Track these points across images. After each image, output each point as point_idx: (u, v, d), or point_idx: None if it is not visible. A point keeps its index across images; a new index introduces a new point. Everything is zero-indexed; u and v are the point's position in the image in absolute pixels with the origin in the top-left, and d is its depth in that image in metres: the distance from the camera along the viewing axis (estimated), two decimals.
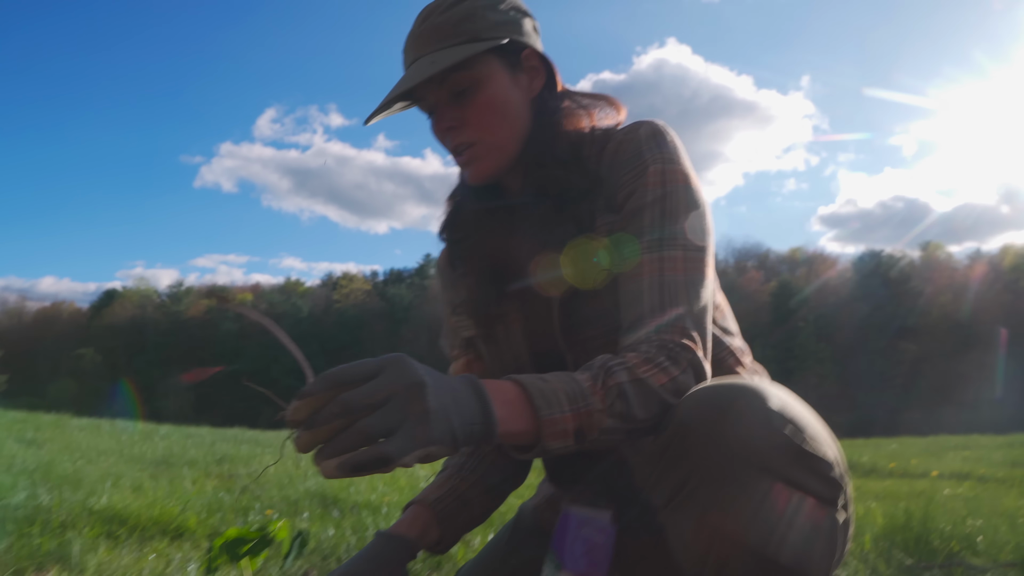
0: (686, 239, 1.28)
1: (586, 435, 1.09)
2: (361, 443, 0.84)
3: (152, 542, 3.15)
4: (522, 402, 1.04)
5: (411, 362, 0.92)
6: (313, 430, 0.85)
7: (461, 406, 0.94)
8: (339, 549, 2.92)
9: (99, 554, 2.73)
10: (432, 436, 0.89)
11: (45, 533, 3.10)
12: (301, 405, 0.86)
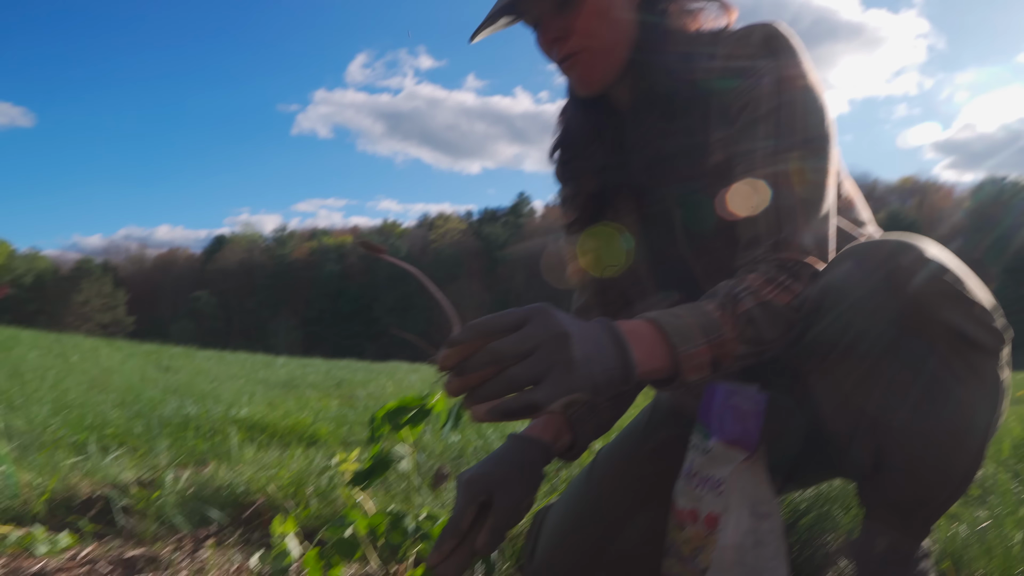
0: (804, 150, 1.24)
1: (721, 364, 1.13)
2: (509, 390, 0.89)
3: (290, 448, 3.34)
4: (658, 341, 1.06)
5: (555, 312, 0.96)
6: (463, 377, 0.91)
7: (602, 353, 0.98)
8: (467, 451, 3.04)
9: (247, 452, 2.94)
10: (575, 384, 0.92)
11: (197, 437, 3.36)
12: (451, 352, 0.91)
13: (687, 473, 1.48)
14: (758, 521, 1.40)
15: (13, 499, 2.16)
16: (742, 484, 1.41)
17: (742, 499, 1.40)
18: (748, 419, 1.40)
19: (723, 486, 1.41)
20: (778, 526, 1.41)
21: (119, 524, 2.07)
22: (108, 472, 2.49)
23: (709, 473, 1.44)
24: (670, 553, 1.50)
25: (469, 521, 1.18)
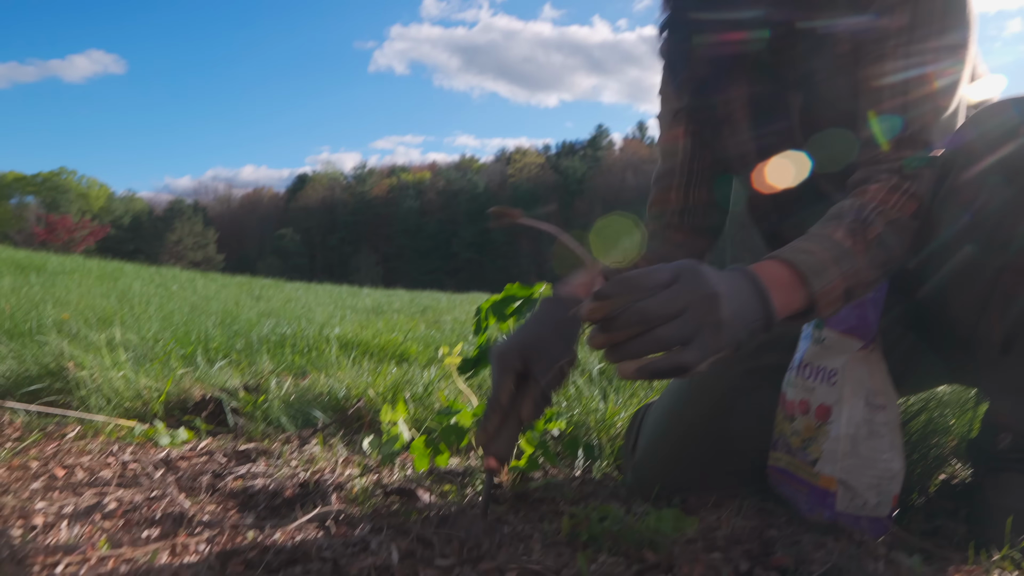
0: (938, 43, 1.16)
1: (854, 293, 1.09)
2: (656, 350, 0.88)
3: (383, 364, 3.42)
4: (795, 282, 1.04)
5: (704, 271, 0.93)
6: (609, 333, 0.89)
7: (746, 308, 0.96)
8: None
9: (343, 365, 3.04)
10: (723, 344, 0.91)
11: (294, 352, 3.48)
12: (597, 307, 0.89)
13: (798, 364, 1.44)
14: (873, 412, 1.36)
15: (135, 400, 2.29)
16: (857, 374, 1.36)
17: (857, 389, 1.36)
18: (866, 307, 1.34)
19: (837, 376, 1.37)
20: (894, 418, 1.37)
21: (230, 424, 2.17)
22: (216, 379, 2.62)
23: (822, 363, 1.40)
24: (777, 446, 1.48)
25: (509, 393, 1.14)
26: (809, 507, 1.37)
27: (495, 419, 1.15)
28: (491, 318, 1.41)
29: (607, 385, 2.43)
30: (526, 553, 1.13)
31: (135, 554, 1.03)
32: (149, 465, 1.63)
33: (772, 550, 1.18)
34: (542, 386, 1.14)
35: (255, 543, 1.08)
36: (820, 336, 1.39)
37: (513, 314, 1.39)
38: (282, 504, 1.41)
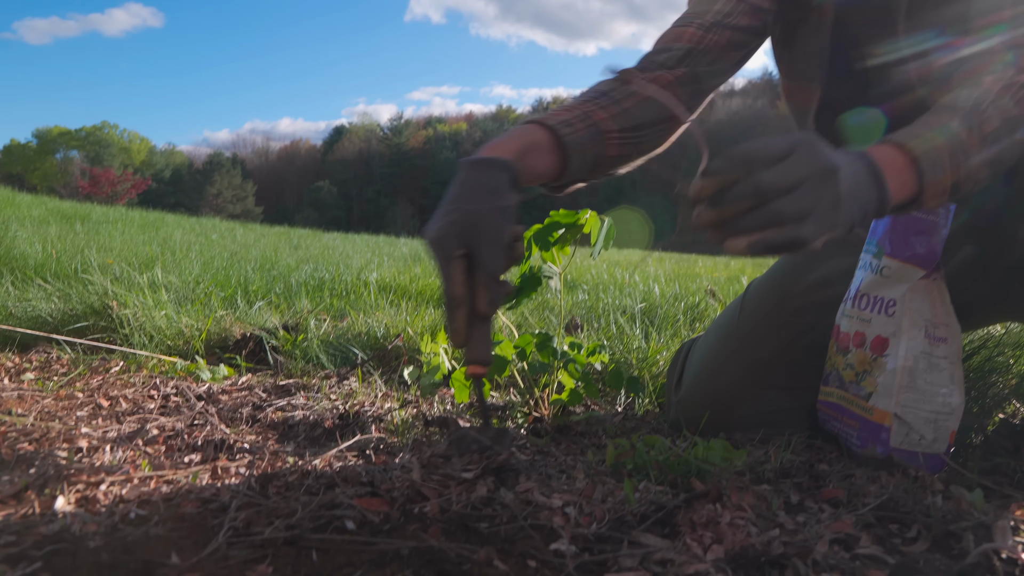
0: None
1: (960, 189, 1.02)
2: (771, 225, 0.83)
3: (420, 308, 3.41)
4: (909, 168, 0.98)
5: (822, 144, 0.87)
6: (719, 209, 0.84)
7: (861, 188, 0.91)
8: (596, 308, 3.03)
9: (381, 310, 3.03)
10: (839, 221, 0.86)
11: (333, 295, 3.49)
12: (708, 182, 0.85)
13: (854, 294, 1.38)
14: (933, 344, 1.29)
15: (176, 338, 2.31)
16: (917, 305, 1.30)
17: (917, 320, 1.29)
18: (930, 233, 1.27)
19: (896, 307, 1.31)
20: (955, 351, 1.30)
21: (270, 361, 2.17)
22: (256, 319, 2.62)
23: (881, 293, 1.33)
24: (829, 380, 1.43)
25: (462, 284, 1.00)
26: (861, 443, 1.32)
27: (460, 317, 1.02)
28: (534, 247, 1.36)
29: (648, 324, 2.38)
30: (568, 482, 1.10)
31: (177, 475, 1.02)
32: (191, 397, 1.63)
33: (823, 483, 1.14)
34: (489, 270, 1.01)
35: (295, 468, 1.07)
36: (879, 265, 1.32)
37: (557, 242, 1.34)
38: (321, 435, 1.41)
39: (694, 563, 0.78)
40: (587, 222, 1.34)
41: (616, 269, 5.44)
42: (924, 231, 1.26)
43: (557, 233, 1.34)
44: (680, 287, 3.67)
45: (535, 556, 0.77)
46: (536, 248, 1.37)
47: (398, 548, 0.74)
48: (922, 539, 0.91)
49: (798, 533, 0.92)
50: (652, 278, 4.60)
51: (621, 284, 4.09)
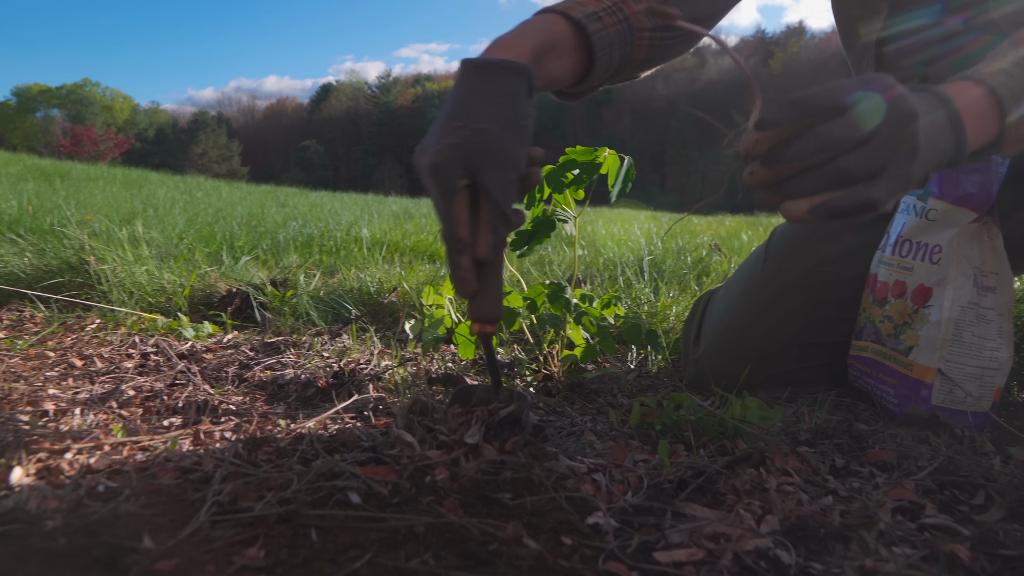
0: None
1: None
2: (838, 184, 0.70)
3: (414, 264, 3.29)
4: (990, 110, 0.85)
5: (898, 86, 0.73)
6: (777, 166, 0.71)
7: (938, 137, 0.78)
8: (596, 264, 2.91)
9: (373, 263, 2.91)
10: (914, 177, 0.74)
11: (322, 252, 3.36)
12: (762, 136, 0.71)
13: (894, 240, 1.26)
14: (982, 294, 1.19)
15: (158, 295, 2.18)
16: (966, 251, 1.19)
17: (964, 268, 1.18)
18: (984, 172, 1.16)
19: (942, 253, 1.20)
20: (1005, 302, 1.20)
21: (257, 318, 2.05)
22: (242, 275, 2.50)
23: (925, 239, 1.22)
24: (863, 334, 1.32)
25: (466, 221, 0.83)
26: (899, 401, 1.22)
27: (466, 263, 0.86)
28: (546, 188, 1.24)
29: (657, 278, 2.27)
30: (590, 445, 1.00)
31: (154, 441, 0.91)
32: (172, 356, 1.52)
33: (866, 445, 1.04)
34: (501, 205, 0.84)
35: (287, 431, 0.96)
36: (924, 208, 1.21)
37: (572, 183, 1.22)
38: (314, 395, 1.30)
39: (751, 537, 0.68)
40: (605, 161, 1.22)
41: (612, 226, 5.32)
42: (977, 169, 1.15)
43: (571, 174, 1.21)
44: (682, 242, 3.55)
45: (570, 531, 0.67)
46: (548, 189, 1.25)
47: (412, 525, 0.64)
48: (996, 507, 0.81)
49: (853, 500, 0.82)
50: (648, 234, 4.48)
51: (619, 240, 3.98)
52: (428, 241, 3.76)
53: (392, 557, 0.59)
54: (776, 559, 0.65)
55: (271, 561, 0.57)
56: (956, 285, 1.18)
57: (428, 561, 0.58)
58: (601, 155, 1.20)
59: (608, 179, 1.22)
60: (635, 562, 0.63)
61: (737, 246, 3.48)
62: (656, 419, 1.01)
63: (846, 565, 0.66)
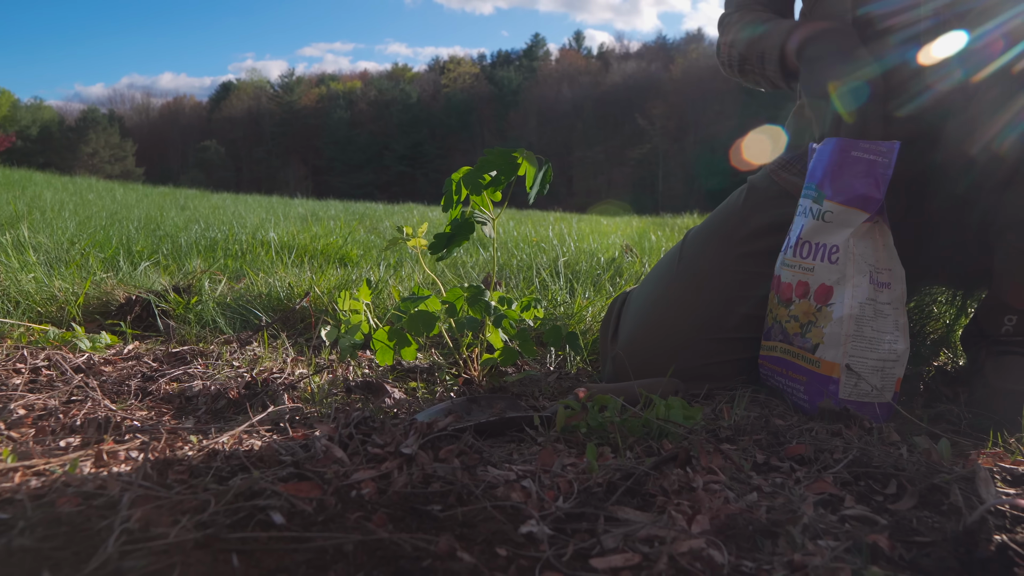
0: None
1: None
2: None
3: (325, 268, 3.21)
4: None
5: None
6: None
7: None
8: (510, 266, 2.91)
9: (282, 268, 2.81)
10: None
11: (227, 256, 3.23)
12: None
13: (795, 242, 1.30)
14: (878, 290, 1.24)
15: (48, 304, 2.04)
16: (861, 250, 1.24)
17: (861, 266, 1.23)
18: (873, 174, 1.21)
19: (839, 253, 1.25)
20: (899, 296, 1.25)
21: (160, 327, 1.95)
22: (141, 281, 2.37)
23: (823, 240, 1.26)
24: (771, 334, 1.36)
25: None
26: (809, 397, 1.26)
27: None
28: (463, 191, 1.22)
29: (572, 280, 2.29)
30: (517, 450, 0.98)
31: (50, 465, 0.84)
32: (67, 370, 1.42)
33: (784, 440, 1.07)
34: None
35: (199, 448, 0.90)
36: (821, 210, 1.25)
37: (490, 185, 1.20)
38: (226, 407, 1.24)
39: (684, 538, 0.68)
40: (522, 163, 1.21)
41: (523, 227, 5.34)
42: (867, 172, 1.20)
43: (489, 175, 1.20)
44: (595, 243, 3.60)
45: (504, 542, 0.65)
46: (465, 191, 1.23)
47: (340, 543, 0.61)
48: (908, 496, 0.84)
49: (777, 496, 0.84)
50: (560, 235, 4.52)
51: (531, 241, 3.99)
52: (338, 244, 3.68)
53: None
54: (710, 559, 0.65)
55: None
56: (854, 283, 1.23)
57: None
58: (519, 157, 1.19)
59: (526, 181, 1.21)
60: (572, 570, 0.62)
61: (647, 247, 3.54)
62: (581, 422, 1.01)
63: (776, 561, 0.67)
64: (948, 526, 0.76)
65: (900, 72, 1.30)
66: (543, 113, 58.33)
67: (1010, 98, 1.15)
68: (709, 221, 1.55)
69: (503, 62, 70.02)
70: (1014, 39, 1.14)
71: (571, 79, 61.93)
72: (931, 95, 1.28)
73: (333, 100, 68.90)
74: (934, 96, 1.27)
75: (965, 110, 1.21)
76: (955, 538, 0.70)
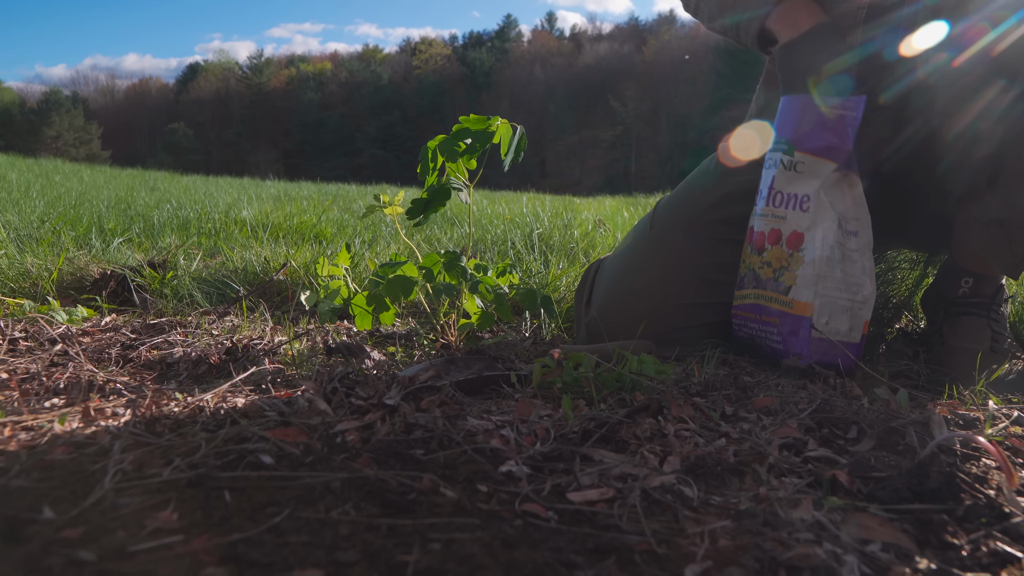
0: None
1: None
2: None
3: (300, 244, 3.21)
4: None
5: None
6: None
7: None
8: (485, 240, 2.94)
9: (257, 245, 2.81)
10: None
11: (200, 235, 3.22)
12: None
13: (767, 193, 1.35)
14: (846, 237, 1.29)
15: (21, 279, 2.03)
16: (831, 198, 1.28)
17: (830, 213, 1.27)
18: (841, 125, 1.25)
19: (810, 202, 1.29)
20: (866, 243, 1.30)
21: (136, 301, 1.95)
22: (115, 257, 2.36)
23: (794, 190, 1.31)
24: (744, 283, 1.40)
25: None
26: (782, 339, 1.31)
27: None
28: (439, 158, 1.24)
29: (547, 251, 2.32)
30: (496, 405, 1.02)
31: (38, 420, 0.86)
32: (45, 341, 1.42)
33: (752, 394, 1.11)
34: None
35: (185, 404, 0.92)
36: (792, 161, 1.30)
37: (466, 152, 1.22)
38: (207, 371, 1.25)
39: (655, 475, 0.72)
40: (497, 130, 1.23)
41: (497, 206, 5.36)
42: (836, 124, 1.24)
43: (464, 143, 1.22)
44: (568, 218, 3.63)
45: (485, 479, 0.68)
46: (441, 159, 1.25)
47: (328, 481, 0.63)
48: (867, 439, 0.89)
49: (744, 441, 0.88)
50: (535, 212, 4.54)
51: (506, 218, 4.02)
52: (312, 222, 3.67)
53: (312, 511, 0.58)
54: (680, 493, 0.69)
55: (186, 522, 0.56)
56: (824, 228, 1.27)
57: (349, 512, 0.59)
58: (494, 124, 1.21)
59: (500, 149, 1.24)
60: (550, 503, 0.65)
61: (620, 222, 3.58)
62: (557, 378, 1.04)
63: (742, 495, 0.71)
64: (903, 463, 0.81)
65: (883, 57, 1.33)
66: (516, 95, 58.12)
67: (987, 81, 1.19)
68: (679, 190, 1.59)
69: (475, 43, 69.52)
70: (996, 23, 1.18)
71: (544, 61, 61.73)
72: (914, 78, 1.30)
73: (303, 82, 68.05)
74: (917, 80, 1.30)
75: (946, 92, 1.24)
76: (908, 472, 0.75)
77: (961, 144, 1.22)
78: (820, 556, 0.57)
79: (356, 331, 1.50)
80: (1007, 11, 1.13)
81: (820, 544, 0.60)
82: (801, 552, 0.58)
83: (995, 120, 1.17)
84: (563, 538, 0.57)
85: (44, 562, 0.47)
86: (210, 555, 0.49)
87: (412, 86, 63.97)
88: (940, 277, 1.48)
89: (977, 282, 1.39)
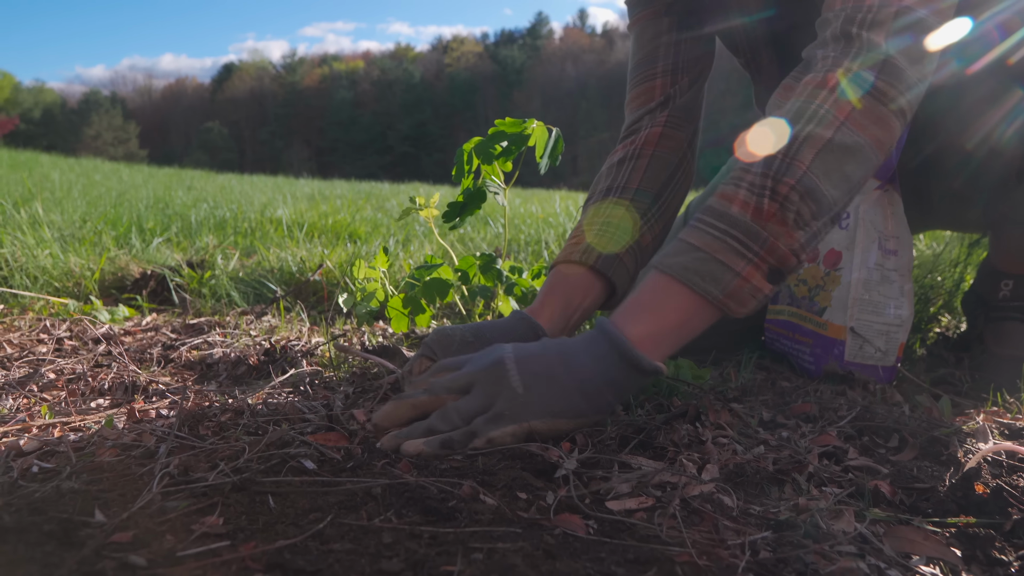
0: None
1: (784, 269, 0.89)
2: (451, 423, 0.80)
3: (336, 244, 3.24)
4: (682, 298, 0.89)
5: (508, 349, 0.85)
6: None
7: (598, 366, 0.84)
8: (518, 240, 2.94)
9: (293, 243, 2.85)
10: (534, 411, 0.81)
11: (237, 234, 3.26)
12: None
13: None
14: (885, 257, 1.27)
15: (65, 279, 2.08)
16: (871, 217, 1.26)
17: (870, 232, 1.26)
18: None
19: (849, 220, 1.27)
20: (905, 263, 1.28)
21: (175, 301, 1.99)
22: (155, 257, 2.41)
23: None
24: (779, 298, 1.39)
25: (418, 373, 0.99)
26: (814, 359, 1.29)
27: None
28: (474, 161, 1.24)
29: None
30: None
31: (86, 421, 0.88)
32: (89, 340, 1.46)
33: (790, 400, 1.10)
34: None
35: (227, 407, 0.94)
36: None
37: (501, 155, 1.23)
38: (246, 372, 1.27)
39: (695, 484, 0.72)
40: (533, 133, 1.23)
41: (530, 205, 5.37)
42: None
43: (500, 146, 1.22)
44: None
45: (523, 487, 0.68)
46: (477, 161, 1.25)
47: (369, 487, 0.64)
48: (909, 448, 0.87)
49: (783, 448, 0.87)
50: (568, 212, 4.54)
51: (539, 218, 4.01)
52: (346, 222, 3.71)
53: (354, 517, 0.59)
54: (720, 502, 0.69)
55: (232, 528, 0.57)
56: (863, 248, 1.25)
57: (391, 519, 0.59)
58: (529, 127, 1.21)
59: (536, 151, 1.24)
60: (590, 511, 0.65)
61: None
62: None
63: (782, 505, 0.71)
64: (947, 474, 0.79)
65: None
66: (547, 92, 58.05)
67: (1005, 91, 1.16)
68: (707, 192, 1.57)
69: (506, 41, 69.54)
70: (1008, 30, 1.16)
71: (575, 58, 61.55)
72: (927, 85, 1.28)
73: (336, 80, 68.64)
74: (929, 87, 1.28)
75: (960, 102, 1.22)
76: (953, 483, 0.73)
77: (984, 150, 1.20)
78: (863, 571, 0.57)
79: (392, 332, 1.51)
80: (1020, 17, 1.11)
81: (863, 558, 0.59)
82: (844, 566, 0.57)
83: (1018, 125, 1.15)
84: (604, 548, 0.57)
85: (97, 566, 0.48)
86: (257, 562, 0.50)
87: (444, 84, 64.19)
88: (979, 279, 1.45)
89: (1017, 284, 1.36)
